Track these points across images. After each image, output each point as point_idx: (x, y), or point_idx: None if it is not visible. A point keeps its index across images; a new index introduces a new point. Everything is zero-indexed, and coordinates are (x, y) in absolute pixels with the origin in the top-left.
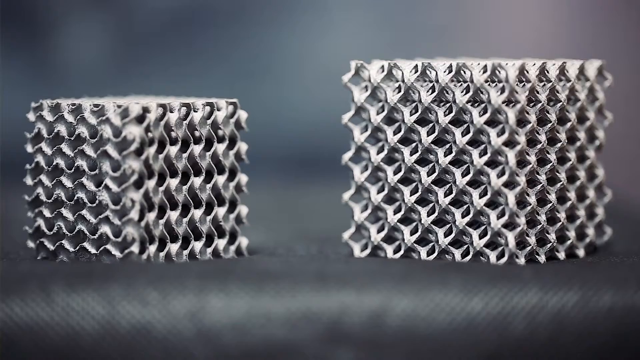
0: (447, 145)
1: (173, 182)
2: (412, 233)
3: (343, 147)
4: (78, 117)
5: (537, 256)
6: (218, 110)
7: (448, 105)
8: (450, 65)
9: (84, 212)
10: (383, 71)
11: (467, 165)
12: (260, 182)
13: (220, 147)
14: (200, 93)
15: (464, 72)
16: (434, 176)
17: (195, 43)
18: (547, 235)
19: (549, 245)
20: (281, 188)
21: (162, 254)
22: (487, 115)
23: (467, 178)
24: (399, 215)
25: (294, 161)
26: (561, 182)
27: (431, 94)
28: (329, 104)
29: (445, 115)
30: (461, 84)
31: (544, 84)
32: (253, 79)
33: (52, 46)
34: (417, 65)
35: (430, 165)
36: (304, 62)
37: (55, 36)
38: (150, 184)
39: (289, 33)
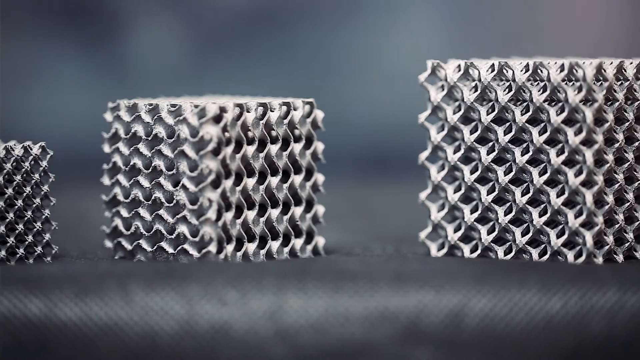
0: (524, 145)
1: (250, 182)
2: (489, 232)
3: (418, 146)
4: (155, 117)
5: (614, 255)
6: (295, 110)
7: (525, 104)
8: (527, 65)
9: (162, 211)
10: (459, 70)
11: (544, 164)
12: (335, 182)
13: (297, 147)
14: (275, 93)
15: (541, 71)
16: (510, 175)
17: (269, 43)
18: (625, 234)
19: (626, 244)
20: (356, 187)
21: (239, 254)
22: (565, 114)
23: (545, 177)
24: (475, 215)
25: (369, 160)
26: (639, 181)
27: (508, 93)
28: (404, 103)
29: (522, 115)
30: (538, 83)
31: (621, 83)
32: (327, 79)
33: (126, 46)
34: (493, 64)
35: (507, 164)
36: (378, 61)
37: (129, 37)
38: (228, 183)
39: (363, 32)
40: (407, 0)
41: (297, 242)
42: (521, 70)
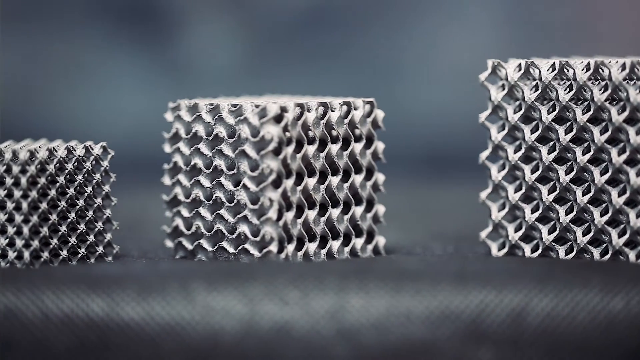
0: (585, 144)
1: (311, 182)
2: (550, 232)
3: (479, 145)
4: (216, 116)
5: None
6: (355, 109)
7: (586, 103)
8: (588, 64)
9: (222, 211)
10: (520, 70)
11: (605, 163)
12: (396, 181)
13: (357, 147)
14: (335, 92)
15: (602, 70)
16: (572, 175)
17: (328, 43)
18: None
19: None
20: (416, 187)
21: (300, 254)
22: (626, 113)
23: (606, 177)
24: (536, 214)
25: (429, 160)
26: None
27: (569, 92)
28: (464, 102)
29: (583, 114)
30: (599, 82)
31: None
32: (387, 78)
33: (186, 46)
34: (554, 63)
35: (568, 163)
36: (439, 60)
37: (189, 36)
38: (288, 183)
39: (424, 31)
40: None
41: (358, 242)
42: (582, 70)
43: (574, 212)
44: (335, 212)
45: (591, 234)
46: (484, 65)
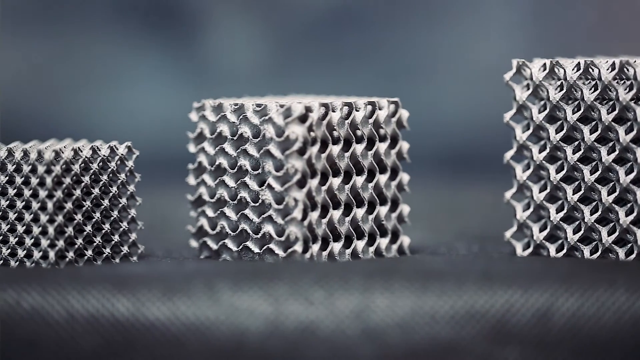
0: (611, 144)
1: (335, 182)
2: (575, 232)
3: (503, 145)
4: (241, 116)
5: None
6: (380, 109)
7: (611, 103)
8: (613, 63)
9: (247, 211)
10: (545, 69)
11: (630, 163)
12: (420, 181)
13: (382, 146)
14: (360, 92)
15: (627, 70)
16: (597, 174)
17: (353, 42)
18: None
19: None
20: (440, 186)
21: (324, 253)
22: None
23: (631, 176)
24: (561, 214)
25: (454, 159)
26: None
27: (594, 91)
28: (488, 102)
29: (608, 113)
30: (624, 82)
31: None
32: (412, 78)
33: (209, 46)
34: (579, 63)
35: (593, 163)
36: (463, 60)
37: (213, 37)
38: (313, 183)
39: (447, 31)
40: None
41: (383, 242)
42: (607, 69)
43: (599, 212)
44: (360, 212)
45: (616, 233)
46: (509, 65)
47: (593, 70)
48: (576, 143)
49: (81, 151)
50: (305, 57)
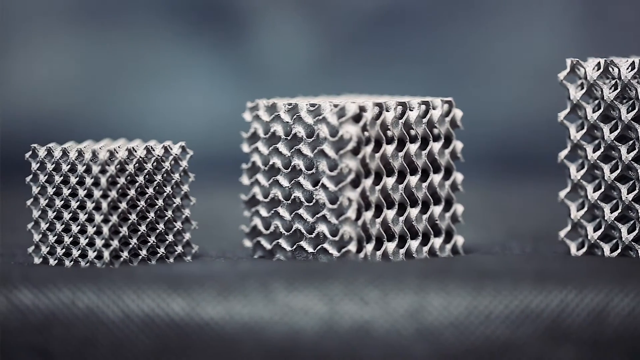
0: None
1: (389, 181)
2: (629, 231)
3: (558, 144)
4: (294, 116)
5: None
6: (433, 109)
7: None
8: None
9: (301, 211)
10: (599, 68)
11: None
12: (474, 181)
13: (435, 146)
14: (413, 92)
15: None
16: None
17: (406, 42)
18: None
19: None
20: (494, 186)
21: (378, 253)
22: None
23: None
24: (616, 214)
25: (507, 159)
26: None
27: None
28: (542, 101)
29: None
30: None
31: None
32: (465, 77)
33: (262, 46)
34: (633, 62)
35: None
36: (516, 59)
37: (265, 36)
38: (367, 183)
39: (500, 30)
40: None
41: (437, 241)
42: None
43: None
44: (413, 212)
45: None
46: (563, 64)
47: None
48: (630, 142)
49: (135, 151)
50: (359, 57)
